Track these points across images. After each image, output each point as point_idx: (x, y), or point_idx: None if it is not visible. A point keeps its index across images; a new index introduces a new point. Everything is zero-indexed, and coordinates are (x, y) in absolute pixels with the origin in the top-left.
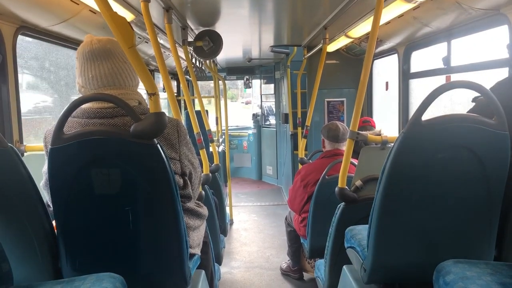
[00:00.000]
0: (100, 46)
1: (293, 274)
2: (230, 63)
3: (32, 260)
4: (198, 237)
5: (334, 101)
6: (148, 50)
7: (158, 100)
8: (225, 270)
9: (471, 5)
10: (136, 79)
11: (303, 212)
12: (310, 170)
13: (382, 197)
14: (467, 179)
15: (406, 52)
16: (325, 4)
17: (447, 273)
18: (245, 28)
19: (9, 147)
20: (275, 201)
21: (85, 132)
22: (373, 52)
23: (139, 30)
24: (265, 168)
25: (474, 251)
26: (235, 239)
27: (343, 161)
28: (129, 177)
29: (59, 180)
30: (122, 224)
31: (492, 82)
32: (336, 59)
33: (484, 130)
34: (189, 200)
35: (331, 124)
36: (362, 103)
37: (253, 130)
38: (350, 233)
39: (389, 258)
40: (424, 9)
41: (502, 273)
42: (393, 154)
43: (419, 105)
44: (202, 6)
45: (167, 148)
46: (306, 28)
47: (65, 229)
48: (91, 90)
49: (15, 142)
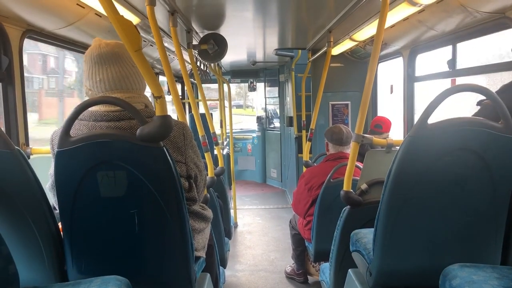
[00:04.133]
0: (108, 50)
1: (298, 278)
2: (235, 66)
3: (38, 263)
4: (203, 240)
5: (339, 104)
6: (153, 53)
7: (164, 103)
8: (229, 273)
9: (476, 9)
10: (143, 83)
11: (307, 215)
12: (314, 174)
13: (388, 201)
14: (473, 183)
15: (411, 55)
16: (330, 7)
17: (453, 277)
18: (249, 31)
19: (15, 149)
20: (279, 204)
21: (91, 135)
22: (378, 55)
23: (145, 33)
24: (269, 171)
25: (480, 255)
26: (240, 242)
27: (348, 164)
28: (135, 180)
29: (66, 183)
30: (127, 227)
31: (497, 85)
32: (340, 62)
33: (490, 134)
34: (194, 203)
35: (334, 127)
36: (367, 106)
37: (258, 133)
38: (355, 237)
39: (395, 262)
40: (429, 12)
41: (509, 277)
42: (399, 157)
43: (425, 108)
44: (207, 10)
45: (173, 151)
46: (311, 31)
47: (71, 232)
48: (98, 93)
49: (21, 144)
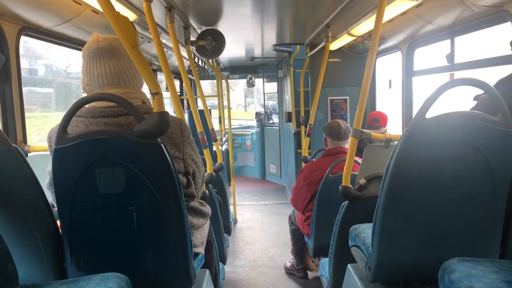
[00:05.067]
0: (106, 44)
1: (298, 273)
2: (233, 62)
3: (37, 260)
4: (202, 236)
5: (337, 99)
6: (151, 50)
7: (161, 100)
8: (229, 269)
9: (474, 2)
10: (140, 79)
11: (306, 210)
12: (313, 169)
13: (386, 195)
14: (471, 177)
15: (409, 50)
16: (328, 2)
17: (452, 272)
18: (247, 27)
19: (13, 147)
20: (279, 200)
21: (88, 132)
22: (376, 50)
23: (142, 29)
24: (268, 167)
25: (479, 249)
26: (239, 238)
27: (347, 159)
28: (133, 177)
29: (64, 180)
30: (126, 224)
31: (495, 79)
32: (339, 57)
33: (488, 128)
34: (193, 199)
35: (332, 122)
36: (366, 101)
37: (256, 129)
38: (354, 232)
39: (394, 256)
40: (427, 7)
41: (508, 271)
42: (397, 152)
43: (423, 102)
44: (204, 5)
45: (170, 147)
46: (309, 27)
47: (70, 229)
48: (96, 88)
49: (19, 142)
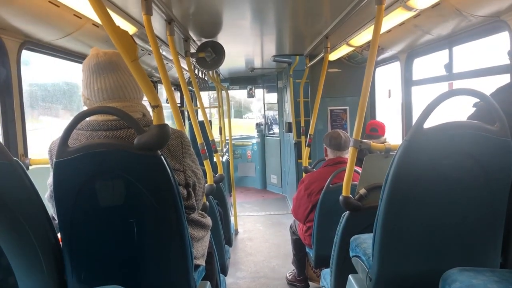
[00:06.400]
0: (106, 59)
1: (299, 284)
2: (233, 73)
3: (37, 273)
4: (202, 248)
5: (337, 109)
6: (151, 62)
7: (161, 112)
8: (230, 281)
9: (472, 12)
10: (141, 91)
11: (307, 221)
12: (314, 179)
13: (385, 205)
14: (470, 186)
15: (408, 60)
16: (326, 13)
17: (453, 281)
18: (247, 38)
19: (14, 160)
20: (280, 210)
21: (89, 145)
22: (374, 60)
23: (142, 42)
24: (269, 177)
25: (479, 259)
26: (241, 249)
27: (347, 170)
28: (134, 189)
29: (64, 193)
30: (127, 236)
31: (493, 88)
32: (338, 68)
33: (486, 137)
34: (193, 211)
35: (333, 132)
36: (365, 111)
37: (257, 140)
38: (355, 242)
39: (394, 266)
40: (424, 17)
41: (509, 280)
42: (396, 161)
43: (421, 112)
44: (204, 18)
45: (171, 160)
46: (308, 38)
47: (70, 241)
48: (96, 102)
49: (20, 155)
